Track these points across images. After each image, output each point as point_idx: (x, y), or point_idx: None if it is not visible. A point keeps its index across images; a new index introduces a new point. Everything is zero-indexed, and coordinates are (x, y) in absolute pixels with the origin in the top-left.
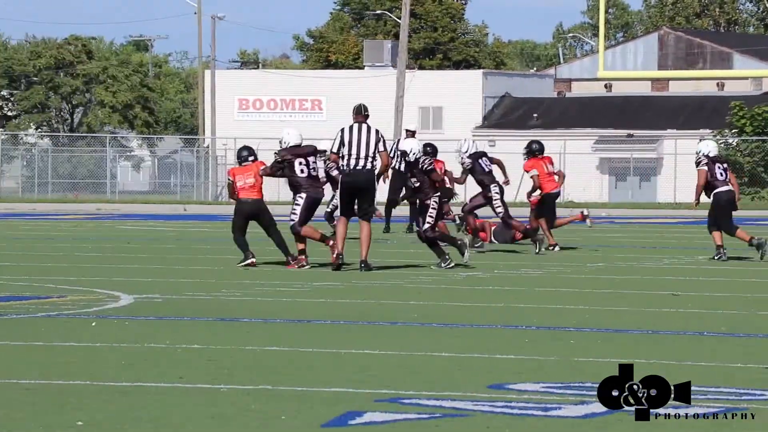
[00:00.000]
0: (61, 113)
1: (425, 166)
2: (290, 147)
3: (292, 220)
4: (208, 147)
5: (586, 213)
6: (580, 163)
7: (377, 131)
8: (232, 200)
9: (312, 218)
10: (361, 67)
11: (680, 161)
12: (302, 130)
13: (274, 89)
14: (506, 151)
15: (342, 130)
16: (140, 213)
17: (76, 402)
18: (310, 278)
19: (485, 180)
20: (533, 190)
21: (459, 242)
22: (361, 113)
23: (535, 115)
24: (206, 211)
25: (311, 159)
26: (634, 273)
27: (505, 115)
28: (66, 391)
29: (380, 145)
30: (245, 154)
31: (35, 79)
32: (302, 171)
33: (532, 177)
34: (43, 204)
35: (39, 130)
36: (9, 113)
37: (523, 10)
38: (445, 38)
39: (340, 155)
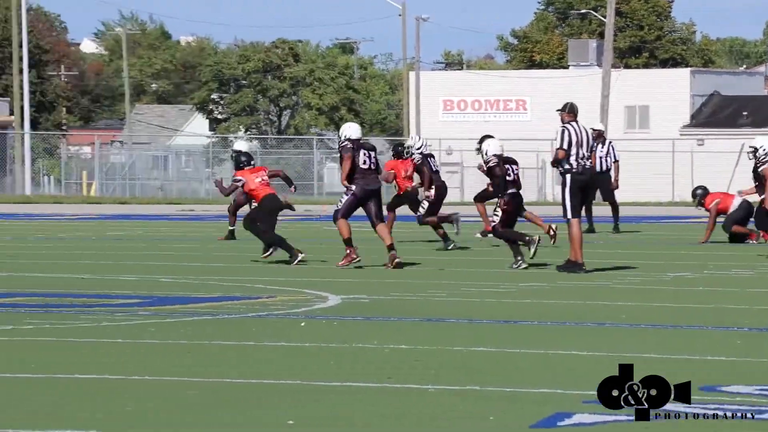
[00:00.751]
0: (269, 116)
1: (490, 163)
2: (353, 140)
3: (337, 208)
4: None
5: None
6: None
7: (591, 132)
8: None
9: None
10: (566, 67)
11: None
12: (507, 131)
13: (478, 90)
14: (715, 150)
15: (568, 130)
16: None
17: (287, 401)
18: (516, 279)
19: (432, 178)
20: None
21: (527, 238)
22: (574, 112)
23: (744, 113)
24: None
25: (373, 153)
26: None
27: (713, 113)
28: (277, 390)
29: (593, 146)
30: (245, 159)
31: (244, 82)
32: (364, 162)
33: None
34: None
35: (248, 132)
36: (219, 116)
37: (731, 7)
38: (651, 36)
39: (569, 155)
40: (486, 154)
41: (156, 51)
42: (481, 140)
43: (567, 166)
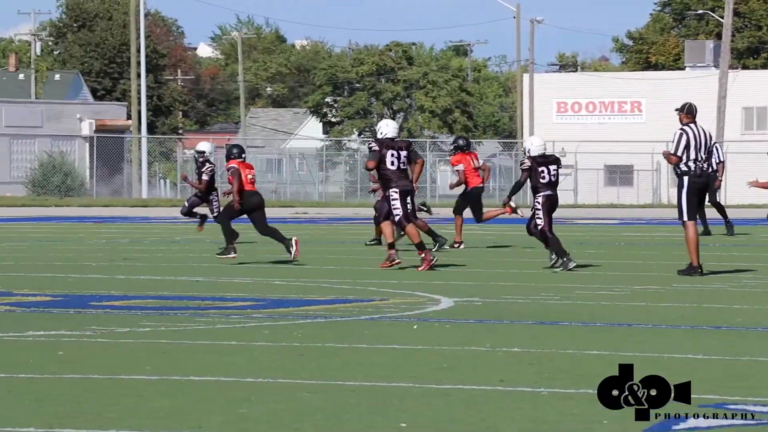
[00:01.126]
0: (383, 118)
1: (522, 166)
2: (386, 138)
3: (397, 215)
4: None
5: (514, 206)
6: None
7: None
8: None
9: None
10: (682, 68)
11: None
12: (622, 133)
13: (592, 92)
14: None
15: (686, 132)
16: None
17: (399, 404)
18: (630, 281)
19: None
20: (457, 183)
21: (563, 260)
22: (692, 113)
23: None
24: (525, 214)
25: (403, 153)
26: None
27: None
28: (389, 393)
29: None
30: (236, 152)
31: (358, 85)
32: (392, 163)
33: (457, 171)
34: (365, 209)
35: (361, 135)
36: (333, 119)
37: None
38: None
39: (687, 158)
40: (526, 152)
41: (271, 55)
42: (455, 141)
43: (684, 168)
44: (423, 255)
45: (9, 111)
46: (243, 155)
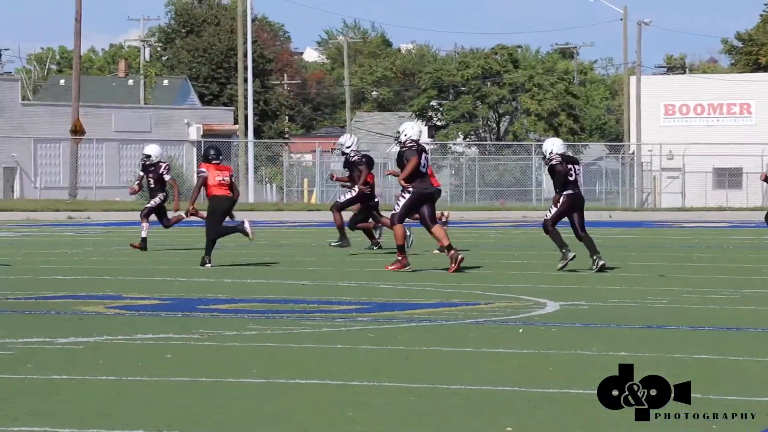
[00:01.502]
0: (488, 122)
1: (553, 161)
2: (415, 140)
3: (394, 212)
4: (633, 154)
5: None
6: None
7: None
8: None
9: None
10: None
11: None
12: (730, 135)
13: (701, 94)
14: None
15: None
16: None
17: (506, 408)
18: (739, 285)
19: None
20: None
21: (564, 251)
22: None
23: None
24: (631, 218)
25: (427, 156)
26: None
27: None
28: (495, 397)
29: None
30: (214, 153)
31: (463, 88)
32: (423, 165)
33: None
34: (470, 212)
35: (467, 139)
36: (438, 123)
37: None
38: None
39: None
40: (550, 152)
41: (377, 59)
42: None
43: None
44: (401, 258)
45: (118, 116)
46: (220, 157)
